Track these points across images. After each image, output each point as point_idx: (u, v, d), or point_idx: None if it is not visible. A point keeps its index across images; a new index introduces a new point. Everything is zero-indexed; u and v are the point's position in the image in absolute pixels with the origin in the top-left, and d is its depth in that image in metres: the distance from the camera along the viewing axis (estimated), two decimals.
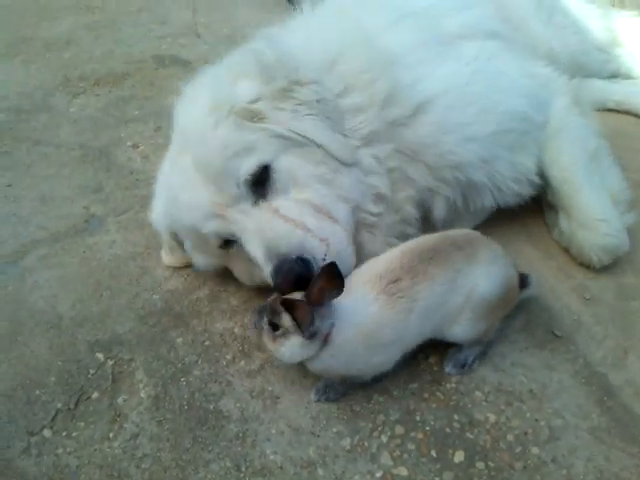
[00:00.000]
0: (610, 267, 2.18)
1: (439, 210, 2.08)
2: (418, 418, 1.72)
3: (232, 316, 2.03)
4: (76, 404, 1.78)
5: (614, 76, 3.24)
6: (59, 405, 1.78)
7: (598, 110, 3.02)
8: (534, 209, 2.39)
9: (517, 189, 2.17)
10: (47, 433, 1.71)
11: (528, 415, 1.73)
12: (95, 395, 1.81)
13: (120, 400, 1.79)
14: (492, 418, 1.72)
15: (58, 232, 2.37)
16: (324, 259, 1.65)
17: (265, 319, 1.58)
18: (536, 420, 1.71)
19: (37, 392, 1.81)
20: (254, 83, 1.83)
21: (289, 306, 1.50)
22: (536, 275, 1.98)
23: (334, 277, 1.51)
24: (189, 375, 1.85)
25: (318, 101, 1.85)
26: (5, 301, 2.07)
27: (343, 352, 1.61)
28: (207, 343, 1.95)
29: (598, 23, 3.23)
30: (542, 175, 2.23)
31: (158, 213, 2.05)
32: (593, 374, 1.84)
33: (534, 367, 1.85)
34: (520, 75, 2.28)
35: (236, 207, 1.76)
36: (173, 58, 3.66)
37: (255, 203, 1.76)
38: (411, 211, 2.02)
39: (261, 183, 1.76)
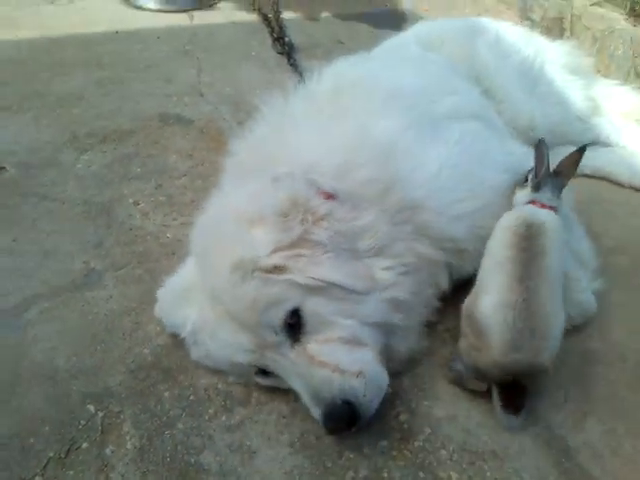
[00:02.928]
0: (577, 332, 2.27)
1: (444, 281, 2.25)
2: (385, 475, 1.83)
3: (217, 372, 2.12)
4: (67, 453, 1.90)
5: (592, 144, 3.36)
6: (51, 454, 1.89)
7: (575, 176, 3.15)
8: None
9: None
10: None
11: (489, 474, 1.83)
12: (85, 445, 1.92)
13: (108, 451, 1.91)
14: (455, 477, 1.82)
15: (59, 286, 2.51)
16: (364, 395, 1.79)
17: None
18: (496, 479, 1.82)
19: (31, 440, 1.93)
20: (270, 233, 1.90)
21: None
22: None
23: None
24: (173, 428, 1.97)
25: (332, 236, 1.94)
26: (6, 354, 2.20)
27: None
28: (192, 397, 2.07)
29: (580, 93, 3.38)
30: None
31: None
32: (553, 437, 1.94)
33: (498, 428, 1.95)
34: (501, 153, 2.48)
35: (275, 350, 1.88)
36: (177, 117, 3.83)
37: (292, 346, 1.88)
38: (435, 303, 2.24)
39: (294, 325, 1.87)
